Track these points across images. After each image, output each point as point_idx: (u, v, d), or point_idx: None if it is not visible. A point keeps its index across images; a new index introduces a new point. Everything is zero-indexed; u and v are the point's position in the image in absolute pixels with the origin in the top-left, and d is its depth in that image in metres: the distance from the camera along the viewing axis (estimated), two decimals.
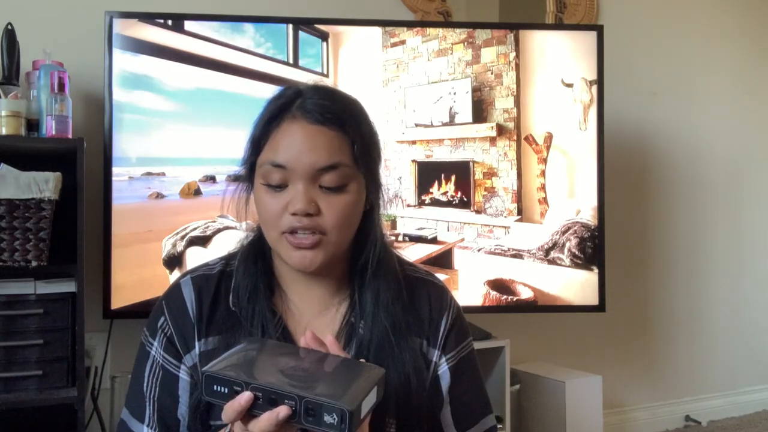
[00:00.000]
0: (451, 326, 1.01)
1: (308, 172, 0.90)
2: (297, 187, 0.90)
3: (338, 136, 0.92)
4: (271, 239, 0.94)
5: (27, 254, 1.66)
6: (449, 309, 1.02)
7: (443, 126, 2.23)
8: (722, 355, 3.24)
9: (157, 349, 0.96)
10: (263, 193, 0.93)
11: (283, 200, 0.91)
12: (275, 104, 0.94)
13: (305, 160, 0.90)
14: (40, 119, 1.81)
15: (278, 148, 0.91)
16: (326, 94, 0.95)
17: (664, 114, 3.07)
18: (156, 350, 0.97)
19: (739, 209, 3.31)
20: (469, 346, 1.04)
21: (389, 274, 0.98)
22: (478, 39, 2.23)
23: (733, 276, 3.29)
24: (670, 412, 3.09)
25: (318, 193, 0.91)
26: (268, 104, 0.95)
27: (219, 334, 0.94)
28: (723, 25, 3.28)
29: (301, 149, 0.90)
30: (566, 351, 2.80)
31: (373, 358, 0.92)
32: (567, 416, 2.40)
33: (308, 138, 0.91)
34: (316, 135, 0.91)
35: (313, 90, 0.95)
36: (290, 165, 0.90)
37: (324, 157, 0.90)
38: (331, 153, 0.90)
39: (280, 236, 0.92)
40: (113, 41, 1.97)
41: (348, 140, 0.93)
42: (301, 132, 0.91)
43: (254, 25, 2.09)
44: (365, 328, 0.95)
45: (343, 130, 0.92)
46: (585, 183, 2.30)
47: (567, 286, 2.27)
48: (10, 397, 1.66)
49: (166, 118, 2.01)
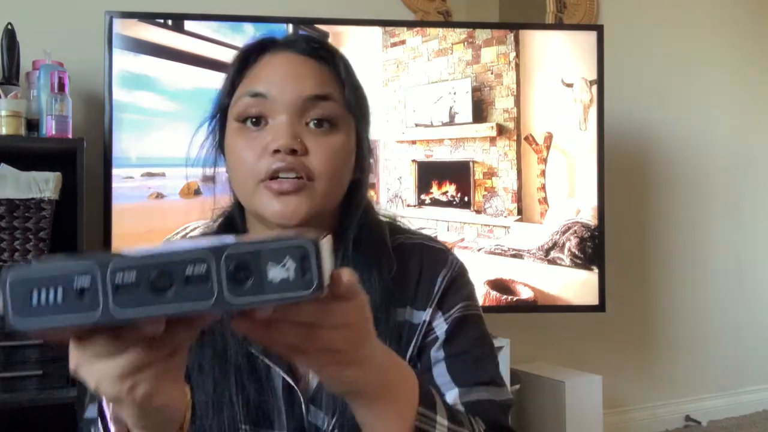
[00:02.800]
0: (450, 284, 0.83)
1: (293, 103, 0.76)
2: (279, 121, 0.76)
3: (328, 70, 0.79)
4: (246, 193, 0.78)
5: (27, 254, 1.66)
6: (448, 267, 0.85)
7: (443, 126, 2.23)
8: (722, 355, 3.24)
9: None
10: (237, 136, 0.78)
11: (261, 141, 0.76)
12: (254, 42, 0.82)
13: (290, 89, 0.76)
14: (40, 119, 1.81)
15: (257, 79, 0.78)
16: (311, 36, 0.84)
17: (664, 114, 3.07)
18: None
19: (740, 209, 3.31)
20: (476, 309, 0.86)
21: (376, 247, 0.82)
22: (478, 39, 2.23)
23: (733, 276, 3.28)
24: (670, 412, 3.09)
25: (304, 131, 0.76)
26: (244, 45, 0.83)
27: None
28: (723, 25, 3.28)
29: (285, 77, 0.77)
30: (566, 351, 2.80)
31: None
32: (567, 416, 2.40)
33: (294, 66, 0.78)
34: (304, 65, 0.78)
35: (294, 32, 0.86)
36: (272, 94, 0.76)
37: (312, 85, 0.77)
38: (320, 83, 0.77)
39: (256, 186, 0.75)
40: (113, 41, 1.97)
41: (338, 79, 0.80)
42: (286, 60, 0.78)
43: (254, 25, 2.09)
44: None
45: (333, 65, 0.80)
46: (585, 183, 2.30)
47: (567, 286, 2.27)
48: (10, 397, 1.66)
49: (166, 118, 2.01)
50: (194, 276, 0.42)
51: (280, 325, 0.47)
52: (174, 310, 0.42)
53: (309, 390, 0.78)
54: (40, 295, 0.42)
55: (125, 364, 0.46)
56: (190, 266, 0.41)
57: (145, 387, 0.47)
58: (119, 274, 0.42)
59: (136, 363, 0.46)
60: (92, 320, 0.42)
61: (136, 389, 0.47)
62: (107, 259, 0.42)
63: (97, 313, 0.41)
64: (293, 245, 0.42)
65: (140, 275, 0.42)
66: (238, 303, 0.42)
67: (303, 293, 0.42)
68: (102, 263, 0.42)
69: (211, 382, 0.76)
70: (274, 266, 0.42)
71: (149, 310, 0.42)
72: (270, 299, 0.42)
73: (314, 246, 0.43)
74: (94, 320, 0.42)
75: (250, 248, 0.42)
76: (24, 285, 0.42)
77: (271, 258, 0.42)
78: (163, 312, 0.42)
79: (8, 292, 0.43)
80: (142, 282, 0.41)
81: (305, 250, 0.42)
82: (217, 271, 0.42)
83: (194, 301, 0.42)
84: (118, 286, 0.41)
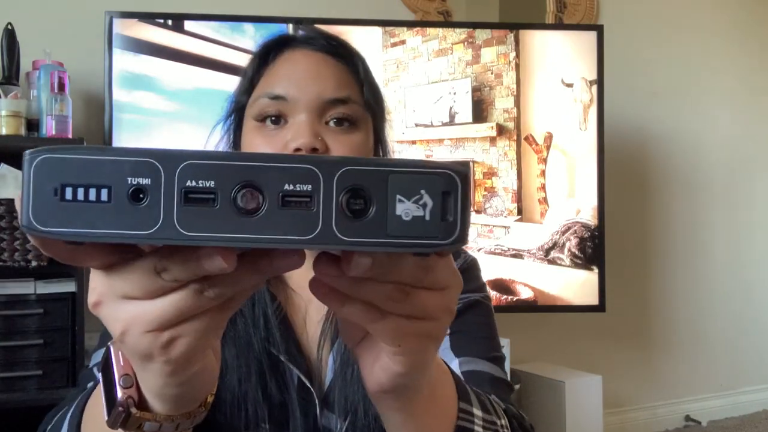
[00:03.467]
0: (462, 272, 0.76)
1: (313, 103, 0.75)
2: (299, 120, 0.75)
3: (347, 70, 0.79)
4: None
5: (27, 254, 1.67)
6: (462, 259, 0.85)
7: (443, 126, 2.23)
8: (722, 355, 3.24)
9: None
10: (255, 134, 0.77)
11: (280, 139, 0.74)
12: (272, 39, 0.80)
13: (310, 89, 0.75)
14: (40, 119, 1.82)
15: (276, 79, 0.77)
16: (329, 33, 0.82)
17: (664, 114, 3.07)
18: None
19: (739, 209, 3.31)
20: (487, 300, 0.84)
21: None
22: (478, 39, 2.23)
23: (733, 276, 3.28)
24: (670, 412, 3.09)
25: (324, 130, 0.75)
26: (263, 41, 0.81)
27: None
28: (723, 25, 3.28)
29: (304, 77, 0.76)
30: (566, 351, 2.80)
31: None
32: (567, 416, 2.40)
33: (313, 65, 0.77)
34: (323, 64, 0.77)
35: (312, 29, 0.82)
36: (291, 96, 0.75)
37: (332, 87, 0.76)
38: (339, 85, 0.77)
39: None
40: (113, 41, 1.97)
41: (357, 79, 0.79)
42: (305, 59, 0.77)
43: (254, 25, 2.09)
44: None
45: (352, 64, 0.79)
46: (585, 183, 2.30)
47: (567, 286, 2.27)
48: (10, 397, 1.66)
49: (166, 118, 2.01)
50: (293, 197, 0.31)
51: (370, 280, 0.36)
52: (261, 241, 0.31)
53: (322, 392, 0.77)
54: (75, 191, 0.30)
55: (168, 310, 0.35)
56: (288, 183, 0.31)
57: (187, 343, 0.36)
58: (191, 180, 0.30)
59: (182, 309, 0.35)
60: (146, 237, 0.31)
61: (175, 345, 0.36)
62: (176, 156, 0.31)
63: (154, 228, 0.31)
64: (434, 174, 0.31)
65: (221, 185, 0.31)
66: (349, 241, 0.31)
67: (440, 242, 0.32)
68: (169, 159, 0.31)
69: (235, 380, 0.73)
70: (405, 199, 0.31)
71: (228, 235, 0.31)
72: (393, 243, 0.31)
73: (463, 179, 0.32)
74: (147, 237, 0.31)
75: (373, 170, 0.31)
76: (55, 172, 0.30)
77: (401, 187, 0.31)
78: (248, 240, 0.31)
79: (31, 178, 0.30)
80: (222, 195, 0.31)
81: (451, 184, 0.31)
82: (325, 193, 0.31)
83: (289, 232, 0.31)
84: (188, 196, 0.31)
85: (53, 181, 0.30)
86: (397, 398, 0.47)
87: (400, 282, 0.37)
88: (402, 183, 0.31)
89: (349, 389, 0.74)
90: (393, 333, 0.40)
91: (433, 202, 0.31)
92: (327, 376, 0.77)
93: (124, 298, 0.36)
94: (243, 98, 0.80)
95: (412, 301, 0.38)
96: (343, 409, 0.75)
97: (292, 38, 0.80)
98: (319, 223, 0.31)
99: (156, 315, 0.35)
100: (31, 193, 0.30)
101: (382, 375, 0.43)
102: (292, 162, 0.31)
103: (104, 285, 0.36)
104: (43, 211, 0.30)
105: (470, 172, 0.32)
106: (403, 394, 0.46)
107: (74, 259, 0.34)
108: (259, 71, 0.79)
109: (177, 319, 0.36)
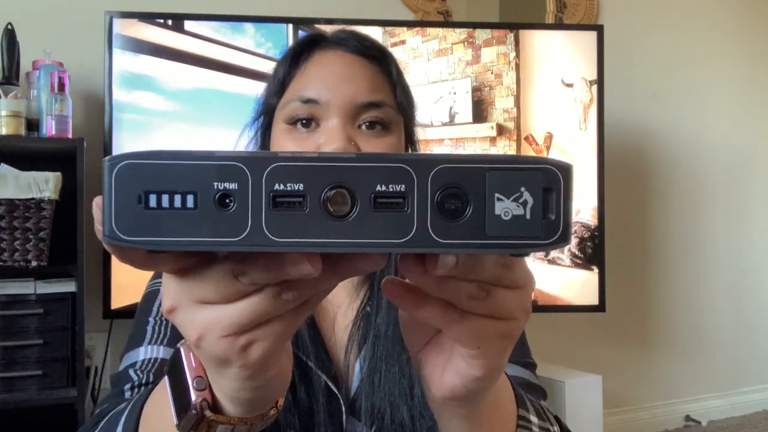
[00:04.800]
0: None
1: (346, 106, 0.72)
2: (331, 124, 0.72)
3: (380, 73, 0.76)
4: None
5: (27, 254, 1.67)
6: None
7: (443, 126, 2.23)
8: (722, 355, 3.24)
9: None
10: (285, 138, 0.74)
11: (312, 143, 0.72)
12: (303, 39, 0.78)
13: (343, 92, 0.72)
14: (40, 119, 1.82)
15: (308, 81, 0.74)
16: (361, 33, 0.79)
17: (664, 114, 3.07)
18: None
19: (740, 209, 3.31)
20: None
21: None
22: (478, 39, 2.23)
23: (733, 275, 3.28)
24: (670, 412, 3.09)
25: (357, 133, 0.73)
26: (294, 43, 0.79)
27: None
28: (723, 25, 3.28)
29: (337, 80, 0.73)
30: (566, 351, 2.80)
31: (389, 351, 0.75)
32: (567, 416, 2.40)
33: (346, 67, 0.74)
34: (356, 66, 0.75)
35: (342, 29, 0.79)
36: (323, 99, 0.72)
37: (365, 90, 0.73)
38: (373, 88, 0.74)
39: None
40: (113, 41, 1.97)
41: (389, 80, 0.77)
42: (339, 61, 0.75)
43: (254, 25, 2.09)
44: (381, 318, 0.76)
45: (384, 65, 0.77)
46: (585, 183, 2.30)
47: (567, 286, 2.27)
48: (10, 397, 1.66)
49: (166, 118, 2.01)
50: (386, 197, 0.29)
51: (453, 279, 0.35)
52: (353, 245, 0.29)
53: (348, 399, 0.75)
54: (160, 198, 0.29)
55: (245, 314, 0.34)
56: (380, 183, 0.29)
57: (264, 347, 0.36)
58: (279, 183, 0.29)
59: (260, 313, 0.34)
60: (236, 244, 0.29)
61: (252, 349, 0.36)
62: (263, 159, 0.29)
63: (243, 235, 0.29)
64: (535, 170, 0.29)
65: (310, 188, 0.29)
66: (446, 243, 0.30)
67: (543, 242, 0.30)
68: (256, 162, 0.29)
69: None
70: (504, 198, 0.29)
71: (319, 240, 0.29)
72: (493, 245, 0.30)
73: (566, 175, 0.30)
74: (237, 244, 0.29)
75: (470, 167, 0.29)
76: (138, 179, 0.29)
77: (500, 185, 0.29)
78: (340, 245, 0.29)
79: (113, 185, 0.29)
80: (311, 198, 0.29)
81: (553, 180, 0.30)
82: (419, 192, 0.29)
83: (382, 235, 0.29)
84: (276, 200, 0.29)
85: (136, 188, 0.29)
86: (466, 405, 0.44)
87: (482, 280, 0.35)
88: (501, 180, 0.29)
89: (376, 396, 0.73)
90: (473, 334, 0.38)
91: (533, 199, 0.29)
92: (354, 382, 0.75)
93: (200, 302, 0.35)
94: (273, 100, 0.77)
95: (493, 299, 0.37)
96: (369, 417, 0.73)
97: (323, 39, 0.78)
98: (413, 225, 0.29)
99: (233, 319, 0.34)
100: (113, 201, 0.29)
101: (456, 380, 0.41)
102: (383, 161, 0.29)
103: (179, 290, 0.35)
104: (126, 220, 0.29)
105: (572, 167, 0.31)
106: (473, 400, 0.44)
107: (150, 266, 0.33)
108: (290, 73, 0.77)
109: (254, 323, 0.35)
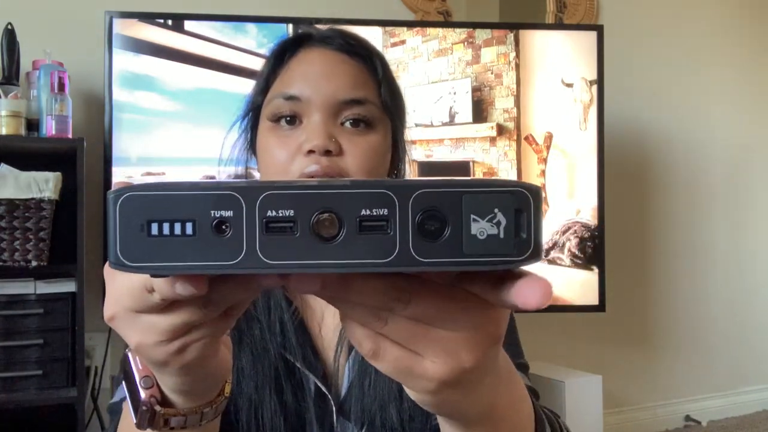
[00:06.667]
0: None
1: (328, 103, 0.73)
2: (313, 120, 0.73)
3: (364, 70, 0.77)
4: None
5: (27, 254, 1.67)
6: None
7: (443, 126, 2.23)
8: (722, 355, 3.24)
9: None
10: (269, 135, 0.75)
11: (294, 140, 0.73)
12: (288, 38, 0.79)
13: (324, 90, 0.73)
14: (40, 119, 1.82)
15: (291, 79, 0.75)
16: (347, 32, 0.79)
17: (664, 114, 3.07)
18: None
19: (740, 208, 3.31)
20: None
21: None
22: (478, 39, 2.23)
23: (733, 275, 3.28)
24: (670, 412, 3.09)
25: (339, 131, 0.74)
26: (279, 40, 0.80)
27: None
28: (723, 25, 3.28)
29: (319, 76, 0.74)
30: (566, 351, 2.80)
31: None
32: (567, 416, 2.40)
33: (328, 64, 0.75)
34: (339, 63, 0.76)
35: (330, 28, 0.79)
36: (306, 96, 0.73)
37: (347, 87, 0.74)
38: (355, 84, 0.75)
39: None
40: (113, 41, 1.97)
41: (374, 79, 0.77)
42: (321, 58, 0.76)
43: (254, 24, 2.09)
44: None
45: (370, 64, 0.77)
46: (585, 183, 2.30)
47: (567, 286, 2.27)
48: (10, 397, 1.66)
49: (166, 118, 2.01)
50: (370, 221, 0.31)
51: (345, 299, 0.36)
52: (341, 266, 0.32)
53: (338, 400, 0.75)
54: (161, 226, 0.31)
55: (176, 323, 0.37)
56: (365, 208, 0.31)
57: (197, 348, 0.39)
58: (271, 210, 0.31)
59: (189, 322, 0.37)
60: (231, 267, 0.32)
61: (187, 351, 0.39)
62: (256, 188, 0.31)
63: (239, 258, 0.31)
64: (507, 192, 0.32)
65: (300, 214, 0.31)
66: (426, 262, 0.31)
67: (515, 259, 0.32)
68: (249, 191, 0.31)
69: (253, 386, 0.72)
70: (479, 218, 0.31)
71: (309, 262, 0.31)
72: (469, 262, 0.32)
73: (536, 196, 0.32)
74: (233, 267, 0.32)
75: (447, 191, 0.31)
76: (141, 209, 0.31)
77: (475, 207, 0.31)
78: (329, 266, 0.32)
79: (117, 216, 0.31)
80: (301, 223, 0.31)
81: (524, 201, 0.32)
82: (401, 216, 0.31)
83: (368, 256, 0.31)
84: (268, 225, 0.31)
85: (139, 217, 0.31)
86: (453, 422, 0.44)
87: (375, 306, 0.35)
88: (476, 202, 0.32)
89: (366, 399, 0.73)
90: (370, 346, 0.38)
91: (506, 220, 0.32)
92: (344, 383, 0.75)
93: (134, 312, 0.37)
94: (259, 98, 0.78)
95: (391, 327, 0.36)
96: (359, 418, 0.73)
97: (308, 37, 0.78)
98: (396, 246, 0.31)
99: (165, 327, 0.37)
100: (118, 230, 0.31)
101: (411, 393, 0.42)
102: (366, 187, 0.31)
103: (116, 300, 0.38)
104: (130, 248, 0.31)
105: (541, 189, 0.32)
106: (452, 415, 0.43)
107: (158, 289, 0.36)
108: (274, 71, 0.78)
109: (185, 330, 0.38)
